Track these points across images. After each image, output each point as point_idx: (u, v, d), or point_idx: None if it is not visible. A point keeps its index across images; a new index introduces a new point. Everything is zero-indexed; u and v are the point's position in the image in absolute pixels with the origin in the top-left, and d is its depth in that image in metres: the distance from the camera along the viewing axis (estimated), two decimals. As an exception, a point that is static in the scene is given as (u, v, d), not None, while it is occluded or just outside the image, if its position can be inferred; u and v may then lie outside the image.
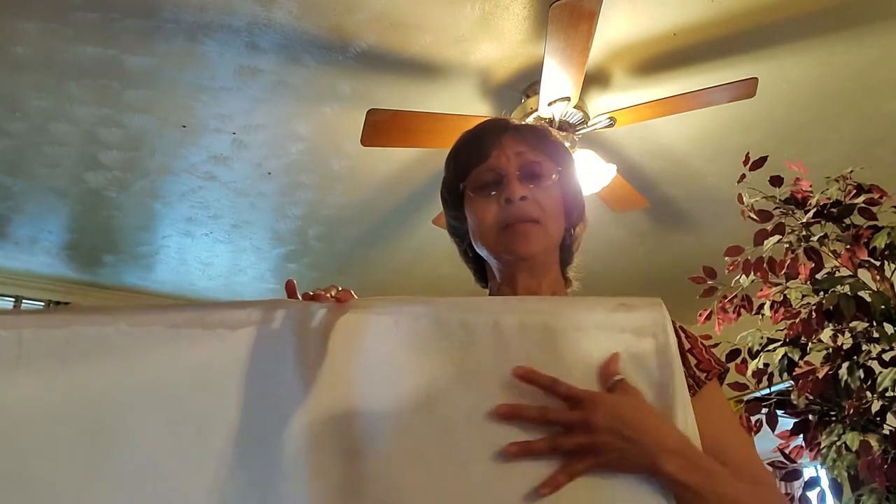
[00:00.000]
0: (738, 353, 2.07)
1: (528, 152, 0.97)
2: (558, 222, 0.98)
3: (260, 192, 3.08)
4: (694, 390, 0.83)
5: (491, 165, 0.96)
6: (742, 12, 2.12)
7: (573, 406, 0.70)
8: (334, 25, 2.14)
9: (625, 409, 0.70)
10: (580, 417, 0.69)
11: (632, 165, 2.83)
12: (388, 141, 2.33)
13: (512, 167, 0.95)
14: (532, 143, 0.98)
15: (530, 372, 0.70)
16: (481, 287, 1.07)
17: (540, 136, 1.01)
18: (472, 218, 0.98)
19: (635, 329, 0.75)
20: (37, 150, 2.73)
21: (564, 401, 0.70)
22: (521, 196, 0.93)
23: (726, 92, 2.22)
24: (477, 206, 0.97)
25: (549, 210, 0.95)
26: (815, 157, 2.69)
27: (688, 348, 0.88)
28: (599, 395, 0.71)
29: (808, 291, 1.95)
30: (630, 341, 0.75)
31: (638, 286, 3.99)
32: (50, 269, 3.80)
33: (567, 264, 1.04)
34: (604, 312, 0.77)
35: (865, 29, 2.19)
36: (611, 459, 0.69)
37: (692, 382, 0.84)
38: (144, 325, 0.71)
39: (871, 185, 1.99)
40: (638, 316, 0.76)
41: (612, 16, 2.11)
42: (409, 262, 3.67)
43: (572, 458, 0.69)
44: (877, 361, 1.88)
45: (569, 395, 0.70)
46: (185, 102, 2.48)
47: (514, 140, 0.98)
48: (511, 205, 0.92)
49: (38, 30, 2.13)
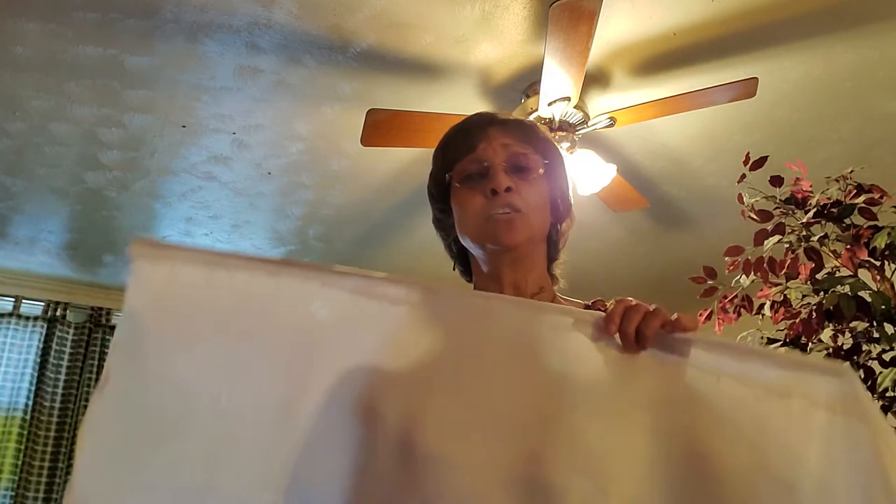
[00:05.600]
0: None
1: (515, 144, 0.97)
2: (543, 215, 0.98)
3: (260, 192, 3.08)
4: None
5: (477, 157, 0.96)
6: (742, 12, 2.12)
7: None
8: (334, 25, 2.14)
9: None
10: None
11: (632, 165, 2.83)
12: (388, 141, 2.33)
13: (498, 159, 0.95)
14: (519, 136, 0.98)
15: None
16: (465, 281, 1.07)
17: (527, 130, 1.01)
18: (457, 209, 0.98)
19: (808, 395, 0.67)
20: (37, 150, 2.73)
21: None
22: (507, 187, 0.93)
23: (726, 92, 2.22)
24: (462, 197, 0.97)
25: (534, 202, 0.95)
26: (815, 157, 2.69)
27: None
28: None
29: (809, 291, 1.95)
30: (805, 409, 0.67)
31: (638, 286, 3.99)
32: (50, 269, 3.80)
33: (553, 260, 1.03)
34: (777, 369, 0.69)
35: (865, 29, 2.18)
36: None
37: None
38: (333, 286, 0.77)
39: (871, 185, 1.98)
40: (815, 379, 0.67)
41: (612, 16, 2.11)
42: (409, 262, 3.67)
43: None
44: (877, 361, 1.88)
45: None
46: (185, 102, 2.48)
47: (501, 132, 0.98)
48: (496, 196, 0.93)
49: (39, 30, 2.13)
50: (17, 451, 3.54)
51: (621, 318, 0.73)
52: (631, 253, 3.64)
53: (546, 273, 1.02)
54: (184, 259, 0.75)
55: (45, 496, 3.54)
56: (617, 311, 0.73)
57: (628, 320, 0.72)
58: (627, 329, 0.72)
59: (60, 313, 3.88)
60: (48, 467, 3.59)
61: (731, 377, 0.69)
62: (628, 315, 0.73)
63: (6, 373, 3.66)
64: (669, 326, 0.72)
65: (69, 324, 3.89)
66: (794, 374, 0.68)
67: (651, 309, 0.74)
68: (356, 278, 0.76)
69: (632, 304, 0.75)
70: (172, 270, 0.74)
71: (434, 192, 1.04)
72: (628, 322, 0.72)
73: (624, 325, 0.72)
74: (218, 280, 0.75)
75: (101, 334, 3.95)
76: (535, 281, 0.98)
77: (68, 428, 3.71)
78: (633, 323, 0.72)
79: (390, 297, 0.76)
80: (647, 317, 0.73)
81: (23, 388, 3.66)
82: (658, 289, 3.97)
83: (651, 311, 0.73)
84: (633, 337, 0.72)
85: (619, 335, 0.73)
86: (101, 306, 4.01)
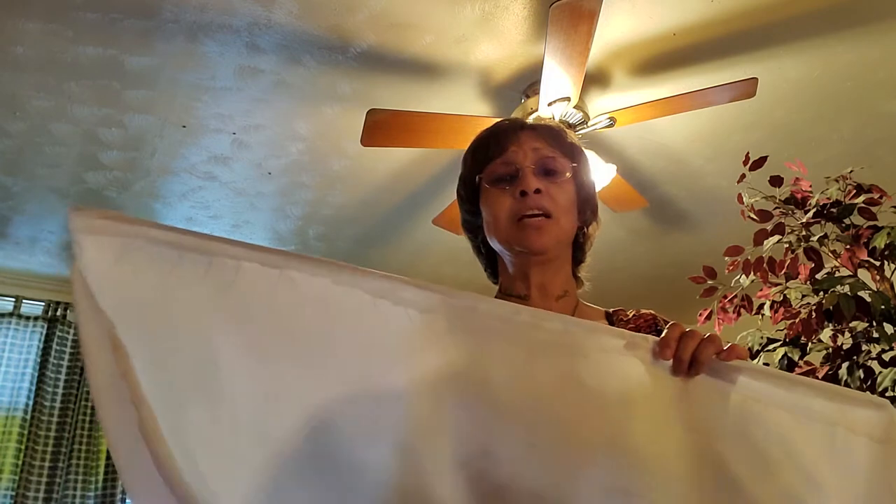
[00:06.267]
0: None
1: (545, 148, 0.99)
2: (571, 218, 0.99)
3: (260, 192, 3.08)
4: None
5: (507, 159, 0.98)
6: (742, 12, 2.12)
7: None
8: (334, 25, 2.14)
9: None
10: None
11: (632, 165, 2.83)
12: (388, 141, 2.33)
13: (528, 161, 0.97)
14: (548, 140, 1.01)
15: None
16: (493, 283, 1.07)
17: (556, 135, 1.03)
18: (486, 210, 1.00)
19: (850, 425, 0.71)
20: (37, 150, 2.73)
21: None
22: (536, 189, 0.95)
23: (726, 92, 2.22)
24: (492, 199, 0.98)
25: (563, 205, 0.97)
26: (815, 157, 2.69)
27: None
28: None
29: (808, 291, 1.95)
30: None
31: (638, 286, 3.99)
32: (50, 269, 3.80)
33: (579, 263, 1.05)
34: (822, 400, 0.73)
35: (865, 29, 2.19)
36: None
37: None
38: (348, 285, 0.71)
39: (871, 185, 1.99)
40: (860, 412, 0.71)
41: (612, 16, 2.11)
42: (409, 262, 3.67)
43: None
44: (877, 361, 1.89)
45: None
46: (185, 102, 2.48)
47: (531, 136, 1.00)
48: (526, 197, 0.94)
49: (39, 30, 2.13)
50: (17, 451, 3.54)
51: (677, 343, 0.74)
52: (631, 253, 3.64)
53: (571, 276, 1.03)
54: (146, 237, 0.67)
55: (45, 496, 3.54)
56: (673, 335, 0.75)
57: (684, 346, 0.74)
58: (683, 355, 0.74)
59: (60, 313, 3.87)
60: (48, 467, 3.59)
61: (778, 405, 0.71)
62: (684, 341, 0.75)
63: (6, 373, 3.66)
64: (725, 354, 0.74)
65: (69, 324, 3.88)
66: (838, 406, 0.71)
67: (706, 336, 0.75)
68: (378, 279, 0.72)
69: (686, 329, 0.76)
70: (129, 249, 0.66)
71: (463, 193, 1.05)
72: (684, 348, 0.74)
73: (680, 351, 0.74)
74: (191, 267, 0.68)
75: (101, 334, 3.95)
76: (561, 284, 1.00)
77: (68, 428, 3.71)
78: (689, 349, 0.74)
79: (420, 304, 0.72)
80: (702, 343, 0.74)
81: (23, 388, 3.66)
82: (658, 289, 3.97)
83: (706, 338, 0.75)
84: (688, 363, 0.74)
85: (673, 360, 0.74)
86: (101, 306, 4.01)
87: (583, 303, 1.04)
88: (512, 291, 1.00)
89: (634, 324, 0.99)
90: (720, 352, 0.74)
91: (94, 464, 3.71)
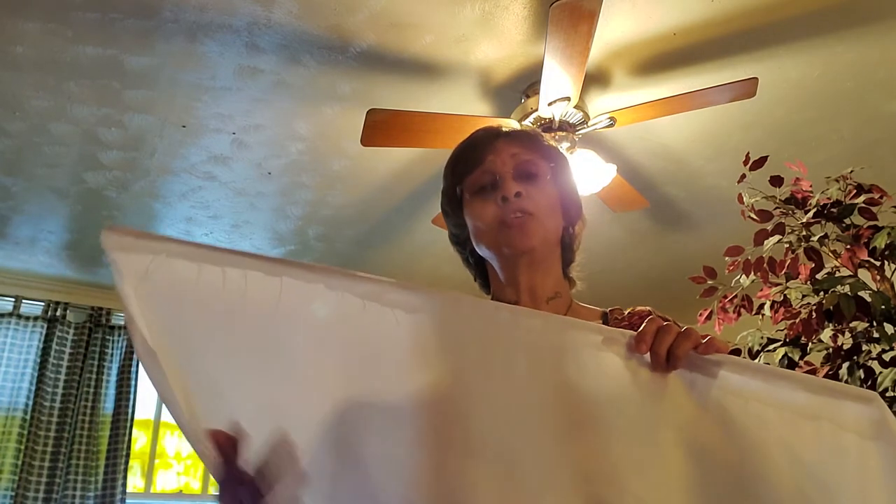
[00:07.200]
0: (738, 353, 2.07)
1: (522, 153, 1.00)
2: (555, 218, 1.00)
3: (260, 192, 3.08)
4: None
5: (486, 168, 0.99)
6: (742, 12, 2.12)
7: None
8: (334, 25, 2.14)
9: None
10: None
11: (632, 165, 2.83)
12: (388, 141, 2.33)
13: (507, 168, 0.98)
14: (525, 145, 1.01)
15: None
16: (484, 293, 1.07)
17: (532, 138, 1.04)
18: (470, 220, 1.00)
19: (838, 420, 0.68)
20: (37, 150, 2.73)
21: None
22: (517, 192, 0.95)
23: (726, 92, 2.22)
24: (476, 208, 0.99)
25: (545, 205, 0.98)
26: (815, 157, 2.69)
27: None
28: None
29: (808, 291, 1.95)
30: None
31: (638, 286, 3.99)
32: (50, 269, 3.80)
33: (569, 263, 1.05)
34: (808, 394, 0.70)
35: (865, 29, 2.18)
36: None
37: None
38: (338, 289, 0.74)
39: (871, 185, 1.98)
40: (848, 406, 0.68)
41: (612, 16, 2.11)
42: (409, 263, 3.67)
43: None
44: (877, 361, 1.89)
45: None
46: (185, 102, 2.48)
47: (508, 143, 1.01)
48: (507, 202, 0.95)
49: (38, 30, 2.13)
50: (17, 451, 3.54)
51: (653, 337, 0.73)
52: (631, 253, 3.64)
53: (562, 277, 1.03)
54: (167, 252, 0.73)
55: (45, 496, 3.54)
56: (649, 330, 0.74)
57: (660, 341, 0.73)
58: (659, 349, 0.73)
59: (60, 313, 3.87)
60: (48, 467, 3.59)
61: (760, 399, 0.70)
62: (660, 335, 0.73)
63: (6, 373, 3.66)
64: (702, 348, 0.73)
65: (69, 324, 3.89)
66: (823, 399, 0.68)
67: (682, 330, 0.74)
68: (366, 282, 0.74)
69: (663, 324, 0.75)
70: (154, 264, 0.73)
71: (447, 208, 1.06)
72: (660, 342, 0.73)
73: (655, 346, 0.73)
74: (208, 277, 0.73)
75: (101, 334, 3.95)
76: (552, 286, 1.00)
77: (68, 428, 3.71)
78: (665, 344, 0.73)
79: (406, 305, 0.74)
80: (678, 338, 0.73)
81: (23, 388, 3.66)
82: (658, 289, 3.97)
83: (682, 332, 0.74)
84: (665, 357, 0.73)
85: (649, 354, 0.73)
86: (101, 306, 4.01)
87: (577, 303, 1.03)
88: (502, 298, 1.00)
89: (629, 321, 0.99)
90: (698, 346, 0.73)
91: (94, 464, 3.71)
